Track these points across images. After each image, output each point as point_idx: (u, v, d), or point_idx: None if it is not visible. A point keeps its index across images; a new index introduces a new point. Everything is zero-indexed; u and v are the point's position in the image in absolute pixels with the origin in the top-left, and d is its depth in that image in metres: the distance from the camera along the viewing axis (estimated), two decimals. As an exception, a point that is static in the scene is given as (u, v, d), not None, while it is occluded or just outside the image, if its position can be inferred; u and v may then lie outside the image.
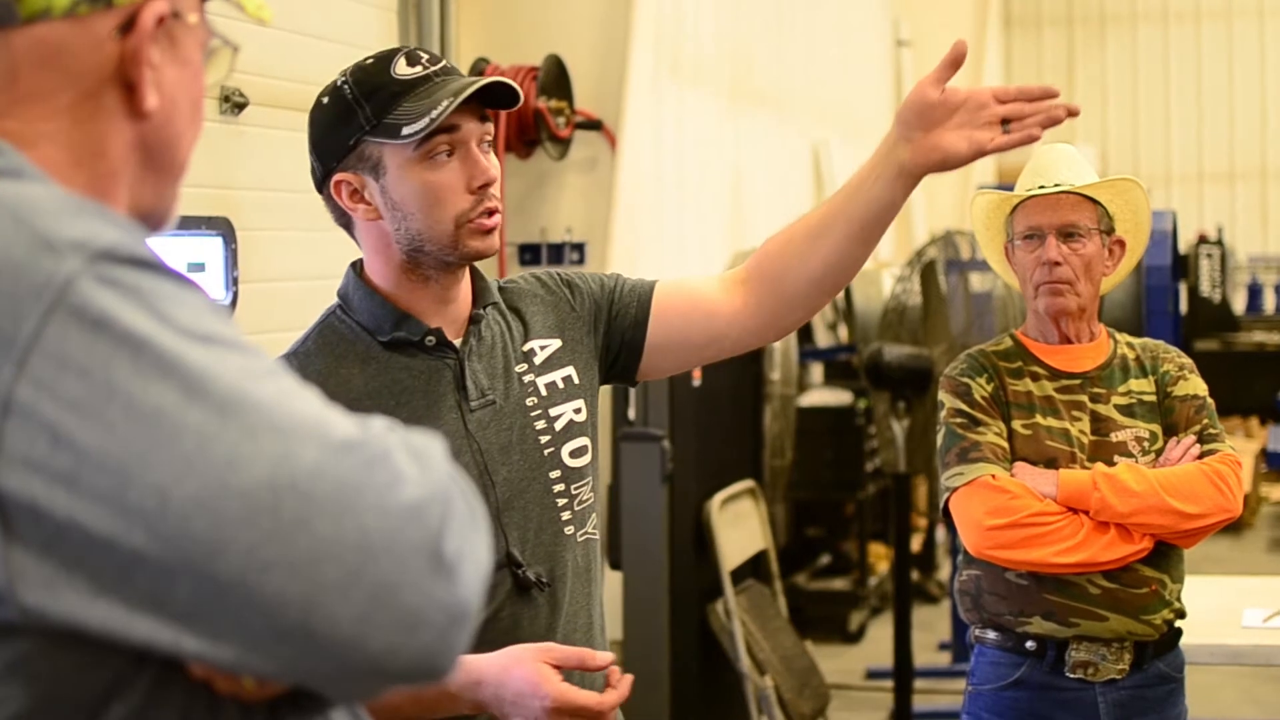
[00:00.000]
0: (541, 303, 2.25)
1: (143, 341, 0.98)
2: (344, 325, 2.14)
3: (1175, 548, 2.97)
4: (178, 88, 1.16)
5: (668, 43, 6.98)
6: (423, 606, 0.99)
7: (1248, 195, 15.74)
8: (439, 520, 1.01)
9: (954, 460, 2.91)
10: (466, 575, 1.03)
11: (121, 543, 0.96)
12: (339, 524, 0.98)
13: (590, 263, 5.97)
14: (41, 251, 1.00)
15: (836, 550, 7.99)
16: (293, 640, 0.98)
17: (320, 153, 2.12)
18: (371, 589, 0.98)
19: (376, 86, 2.05)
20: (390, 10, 5.34)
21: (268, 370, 1.03)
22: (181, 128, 1.18)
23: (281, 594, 0.97)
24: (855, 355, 6.85)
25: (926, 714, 6.13)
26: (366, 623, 0.98)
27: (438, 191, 2.05)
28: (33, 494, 0.96)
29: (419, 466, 1.03)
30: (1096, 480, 2.86)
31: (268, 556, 0.96)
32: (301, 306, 4.50)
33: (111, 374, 0.97)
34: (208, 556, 0.96)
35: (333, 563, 0.97)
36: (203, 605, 0.97)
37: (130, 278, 1.01)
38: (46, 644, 1.00)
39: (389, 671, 1.00)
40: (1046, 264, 2.94)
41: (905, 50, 12.31)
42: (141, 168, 1.16)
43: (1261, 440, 10.50)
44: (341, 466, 0.99)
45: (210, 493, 0.96)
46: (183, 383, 0.98)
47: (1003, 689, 2.98)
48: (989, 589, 2.97)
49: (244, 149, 4.32)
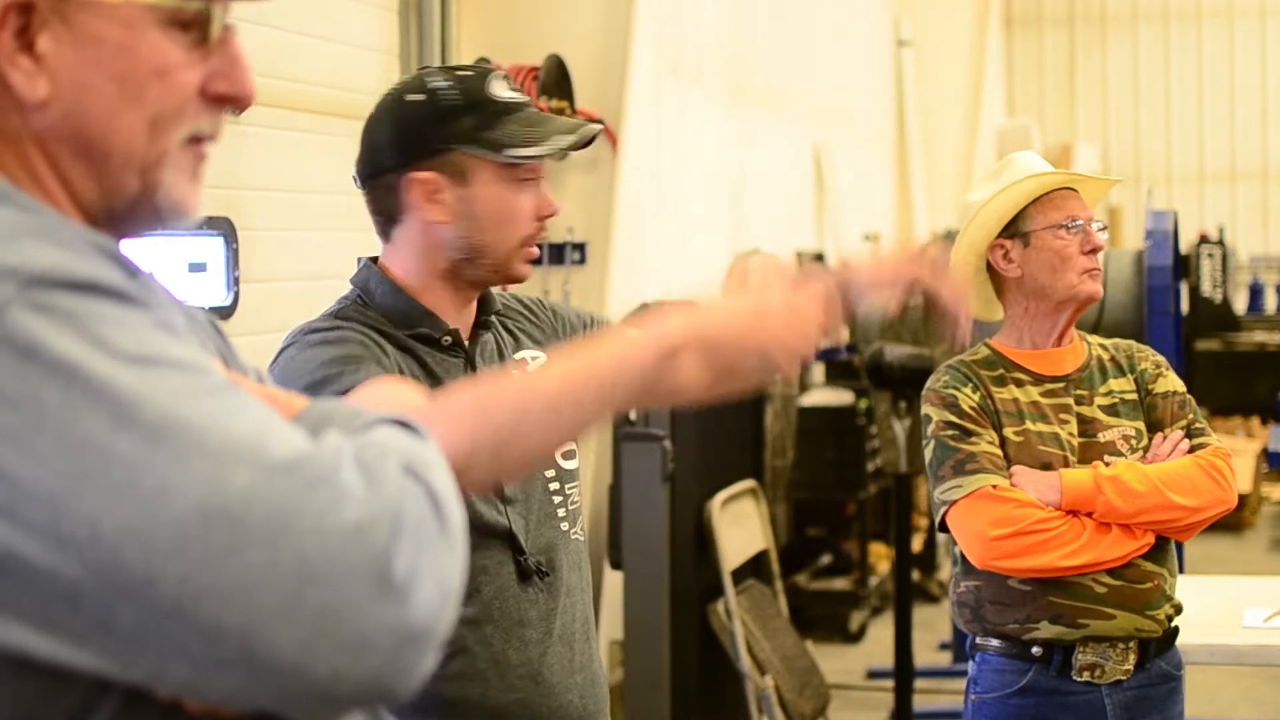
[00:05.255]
0: (529, 320, 2.35)
1: (73, 369, 0.96)
2: (365, 314, 2.17)
3: (1168, 541, 2.98)
4: (84, 69, 1.10)
5: (669, 43, 6.99)
6: (368, 630, 0.97)
7: (1249, 195, 15.73)
8: (386, 539, 0.99)
9: (949, 473, 2.90)
10: (421, 594, 1.00)
11: (60, 574, 0.95)
12: (274, 549, 0.96)
13: (591, 262, 5.98)
14: None
15: (837, 550, 7.98)
16: (236, 667, 0.96)
17: (401, 146, 2.16)
18: (313, 614, 0.96)
19: (480, 101, 2.14)
20: (391, 10, 5.34)
21: (210, 388, 1.01)
22: (103, 109, 1.11)
23: (219, 623, 0.95)
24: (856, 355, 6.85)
25: (927, 714, 6.13)
26: (309, 649, 0.96)
27: (515, 213, 2.16)
28: None
29: (367, 482, 1.00)
30: (1100, 483, 2.86)
31: (202, 585, 0.95)
32: (302, 306, 4.49)
33: (42, 403, 0.96)
34: (143, 586, 0.95)
35: (269, 589, 0.95)
36: (145, 635, 0.96)
37: (64, 302, 0.99)
38: (9, 669, 0.99)
39: (338, 697, 0.98)
40: (1094, 251, 2.97)
41: (905, 50, 12.31)
42: (69, 161, 1.12)
43: (1262, 440, 10.49)
44: (276, 489, 0.97)
45: (140, 522, 0.95)
46: (113, 410, 0.96)
47: (1009, 696, 2.97)
48: (991, 599, 2.95)
49: (245, 149, 4.32)
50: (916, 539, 7.56)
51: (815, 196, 9.80)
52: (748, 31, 8.45)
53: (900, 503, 6.33)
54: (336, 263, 4.81)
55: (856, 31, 11.13)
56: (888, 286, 1.72)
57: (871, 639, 7.50)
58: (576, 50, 5.87)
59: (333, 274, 4.74)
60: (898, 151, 12.29)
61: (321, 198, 4.77)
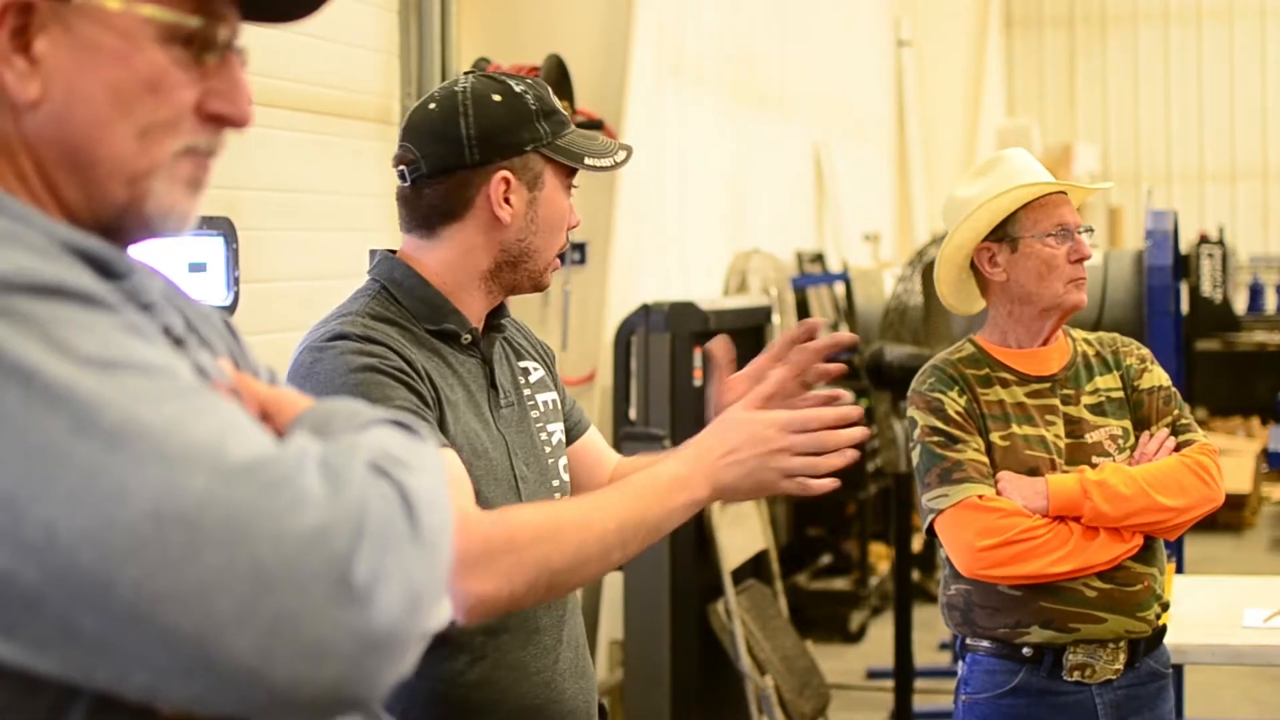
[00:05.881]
0: (525, 337, 2.39)
1: (31, 373, 0.96)
2: (393, 307, 2.18)
3: (1156, 539, 2.98)
4: (78, 75, 1.10)
5: (669, 43, 6.99)
6: (327, 636, 0.96)
7: (1249, 195, 15.74)
8: (347, 544, 0.98)
9: (935, 481, 2.90)
10: (385, 599, 0.99)
11: (18, 579, 0.95)
12: (230, 554, 0.95)
13: (591, 262, 5.98)
14: None
15: (837, 550, 7.99)
16: (196, 674, 0.96)
17: (486, 144, 2.16)
18: (269, 620, 0.95)
19: (551, 109, 2.20)
20: (391, 10, 5.34)
21: (174, 392, 1.00)
22: (93, 116, 1.11)
23: (177, 627, 0.94)
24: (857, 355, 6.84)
25: (926, 714, 6.14)
26: (267, 655, 0.95)
27: (563, 220, 2.25)
28: None
29: (330, 487, 0.99)
30: (1087, 488, 2.85)
31: (158, 589, 0.94)
32: (302, 306, 4.50)
33: (1, 407, 0.95)
34: (100, 591, 0.94)
35: (225, 594, 0.94)
36: (105, 639, 0.95)
37: (25, 306, 0.98)
38: None
39: (299, 703, 0.97)
40: (1081, 260, 2.96)
41: (905, 50, 12.31)
42: (54, 167, 1.12)
43: (1262, 440, 10.49)
44: (233, 494, 0.96)
45: (96, 526, 0.94)
46: (71, 413, 0.96)
47: (1000, 697, 2.97)
48: (981, 603, 2.95)
49: (245, 149, 4.32)
50: (916, 539, 7.55)
51: (815, 196, 9.80)
52: (748, 31, 8.45)
53: (900, 503, 6.33)
54: (336, 263, 4.81)
55: (856, 32, 11.13)
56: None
57: (871, 639, 7.50)
58: (576, 50, 5.87)
59: (333, 274, 4.74)
60: (898, 151, 12.29)
61: (321, 198, 4.77)
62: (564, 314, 5.88)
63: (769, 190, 8.69)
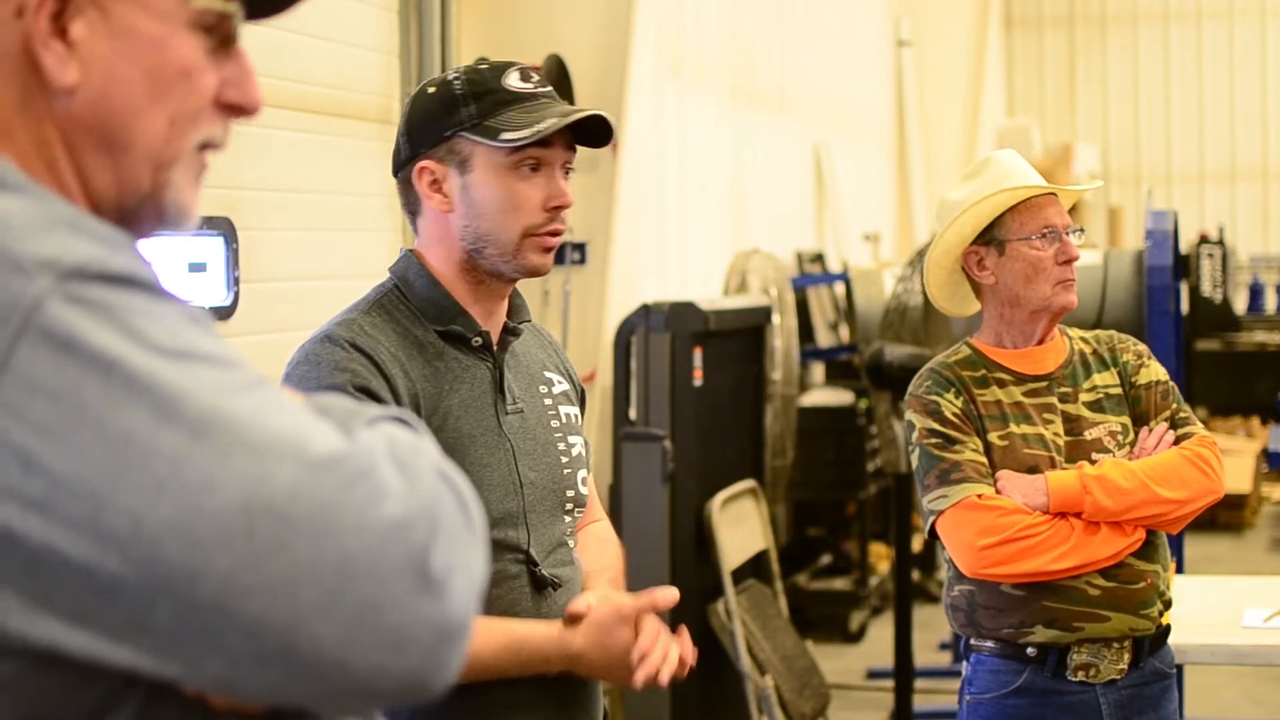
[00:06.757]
0: (555, 351, 2.39)
1: (113, 362, 0.96)
2: (403, 306, 2.19)
3: (1159, 535, 2.97)
4: (115, 60, 1.10)
5: (669, 43, 6.99)
6: (409, 625, 0.98)
7: (1249, 195, 15.74)
8: (425, 536, 0.99)
9: (935, 483, 2.90)
10: (457, 590, 1.00)
11: (98, 569, 0.94)
12: (318, 546, 0.95)
13: (591, 262, 5.98)
14: (9, 272, 0.97)
15: (837, 550, 7.99)
16: (277, 663, 0.96)
17: (412, 137, 2.20)
18: (354, 610, 0.96)
19: (487, 90, 2.16)
20: (391, 10, 5.34)
21: (246, 384, 1.00)
22: (129, 101, 1.11)
23: (262, 618, 0.95)
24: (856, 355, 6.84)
25: (926, 714, 6.14)
26: (351, 644, 0.96)
27: (516, 200, 2.17)
28: (8, 521, 0.94)
29: (405, 479, 1.01)
30: (1086, 483, 2.86)
31: (246, 581, 0.94)
32: (302, 306, 4.50)
33: (82, 397, 0.95)
34: (185, 581, 0.94)
35: (313, 585, 0.95)
36: (183, 630, 0.95)
37: (100, 295, 0.98)
38: (33, 666, 0.98)
39: (378, 691, 0.98)
40: (1069, 261, 2.95)
41: (905, 50, 12.31)
42: (89, 151, 1.11)
43: (1262, 440, 10.49)
44: (319, 486, 0.97)
45: (184, 516, 0.94)
46: (154, 403, 0.96)
47: (1004, 697, 2.97)
48: (984, 604, 2.95)
49: (245, 149, 4.32)
50: (916, 539, 7.55)
51: (815, 196, 9.80)
52: (748, 31, 8.46)
53: (900, 503, 6.33)
54: (336, 263, 4.81)
55: (856, 31, 11.13)
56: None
57: (871, 639, 7.50)
58: (576, 50, 5.87)
59: (333, 274, 4.74)
60: (898, 151, 12.30)
61: (321, 198, 4.77)
62: (564, 314, 5.88)
63: (769, 190, 8.69)
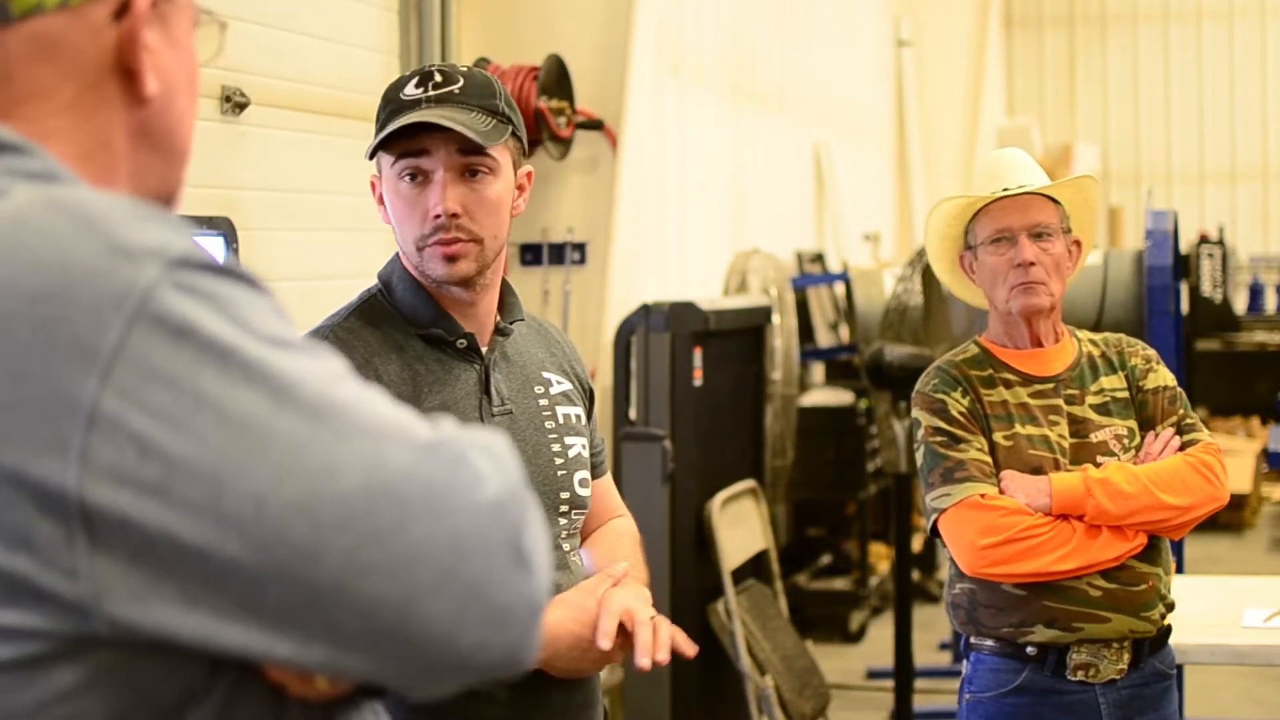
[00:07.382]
0: (561, 350, 2.36)
1: (228, 349, 0.98)
2: (385, 309, 2.19)
3: (1161, 539, 2.98)
4: (174, 69, 1.14)
5: (669, 42, 6.99)
6: (510, 601, 1.01)
7: (1249, 195, 15.73)
8: (518, 516, 1.02)
9: (939, 481, 2.90)
10: (541, 568, 1.04)
11: (215, 552, 0.96)
12: (432, 525, 0.98)
13: (591, 262, 5.98)
14: (119, 259, 0.98)
15: (837, 550, 7.99)
16: (387, 641, 0.98)
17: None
18: (464, 588, 0.99)
19: (386, 100, 2.17)
20: (391, 10, 5.34)
21: (341, 373, 1.03)
22: (182, 109, 1.15)
23: (379, 596, 0.97)
24: (856, 355, 6.84)
25: (926, 714, 6.14)
26: (459, 621, 0.99)
27: (399, 211, 2.17)
28: (122, 506, 0.95)
29: (494, 464, 1.03)
30: (1090, 486, 2.86)
31: (366, 560, 0.96)
32: (303, 306, 4.50)
33: (199, 383, 0.96)
34: (305, 562, 0.96)
35: (428, 564, 0.98)
36: (296, 610, 0.97)
37: (207, 284, 1.00)
38: (127, 655, 0.99)
39: (478, 666, 1.01)
40: (1021, 265, 2.94)
41: (905, 50, 12.30)
42: (147, 153, 1.14)
43: (1262, 440, 10.49)
44: (430, 468, 0.99)
45: (308, 498, 0.96)
46: (270, 389, 0.98)
47: (1004, 695, 2.97)
48: (985, 603, 2.95)
49: (245, 149, 4.32)
50: (916, 539, 7.56)
51: (815, 196, 9.80)
52: (748, 31, 8.45)
53: (900, 503, 6.33)
54: (336, 263, 4.81)
55: (856, 31, 11.12)
56: None
57: (871, 639, 7.50)
58: (576, 50, 5.87)
59: (333, 274, 4.74)
60: (898, 151, 12.29)
61: (321, 198, 4.77)
62: (564, 314, 5.88)
63: (769, 190, 8.69)
